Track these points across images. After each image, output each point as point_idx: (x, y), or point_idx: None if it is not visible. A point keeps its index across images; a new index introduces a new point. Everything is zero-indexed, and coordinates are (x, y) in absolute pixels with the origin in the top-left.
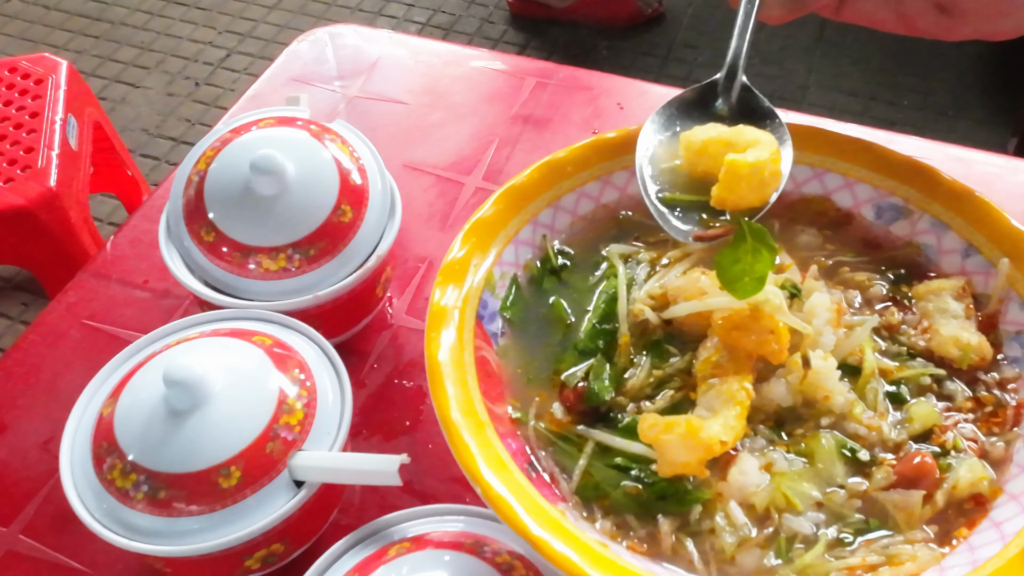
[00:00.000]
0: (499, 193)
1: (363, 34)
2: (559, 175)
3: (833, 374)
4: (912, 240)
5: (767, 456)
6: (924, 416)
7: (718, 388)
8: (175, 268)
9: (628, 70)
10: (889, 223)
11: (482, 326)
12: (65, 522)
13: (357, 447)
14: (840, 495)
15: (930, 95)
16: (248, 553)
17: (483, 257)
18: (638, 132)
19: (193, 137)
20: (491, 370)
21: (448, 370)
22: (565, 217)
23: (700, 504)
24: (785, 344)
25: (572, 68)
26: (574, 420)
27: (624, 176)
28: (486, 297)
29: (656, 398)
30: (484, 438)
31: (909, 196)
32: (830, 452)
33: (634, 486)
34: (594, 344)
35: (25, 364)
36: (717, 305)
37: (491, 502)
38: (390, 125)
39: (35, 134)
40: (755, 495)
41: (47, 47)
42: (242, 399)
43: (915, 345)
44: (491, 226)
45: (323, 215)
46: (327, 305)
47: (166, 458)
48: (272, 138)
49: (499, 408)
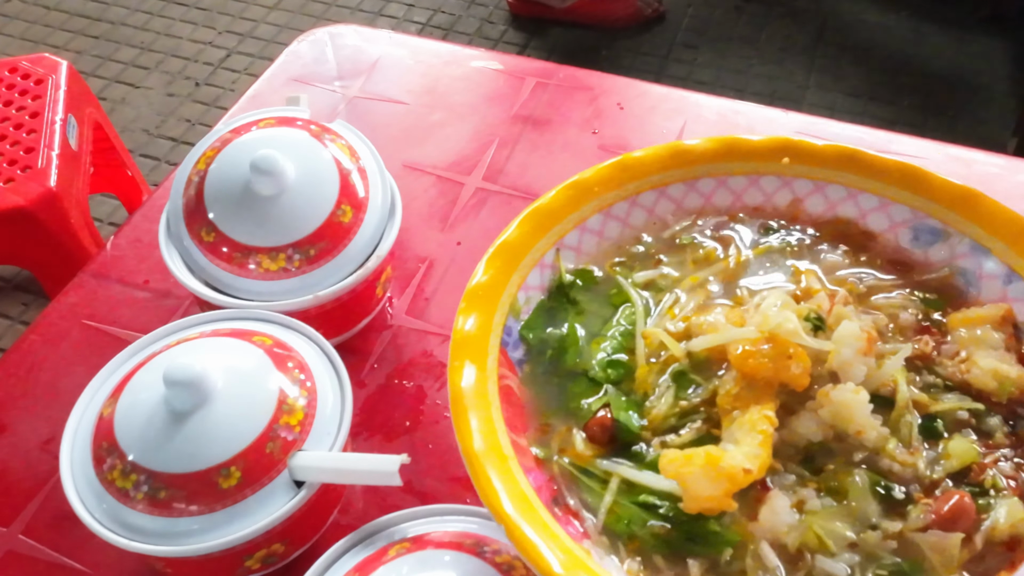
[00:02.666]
0: (524, 215)
1: (363, 34)
2: (586, 195)
3: (865, 407)
4: (950, 264)
5: (798, 494)
6: (962, 453)
7: (740, 420)
8: (175, 268)
9: (628, 70)
10: (927, 246)
11: (507, 354)
12: (65, 522)
13: (357, 447)
14: (874, 535)
15: (930, 95)
16: (248, 553)
17: (507, 282)
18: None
19: (193, 137)
20: (515, 399)
21: (472, 401)
22: (592, 239)
23: (731, 546)
24: (807, 367)
25: (572, 68)
26: (596, 453)
27: (652, 196)
28: (511, 323)
29: (681, 431)
30: (508, 472)
31: (948, 219)
32: (863, 490)
33: (662, 526)
34: (606, 375)
35: (25, 364)
36: (732, 337)
37: (515, 541)
38: (390, 125)
39: (35, 134)
40: (787, 535)
41: (47, 47)
42: (242, 399)
43: (951, 376)
44: (516, 249)
45: (323, 215)
46: (327, 305)
47: (166, 458)
48: (272, 138)
49: (523, 439)
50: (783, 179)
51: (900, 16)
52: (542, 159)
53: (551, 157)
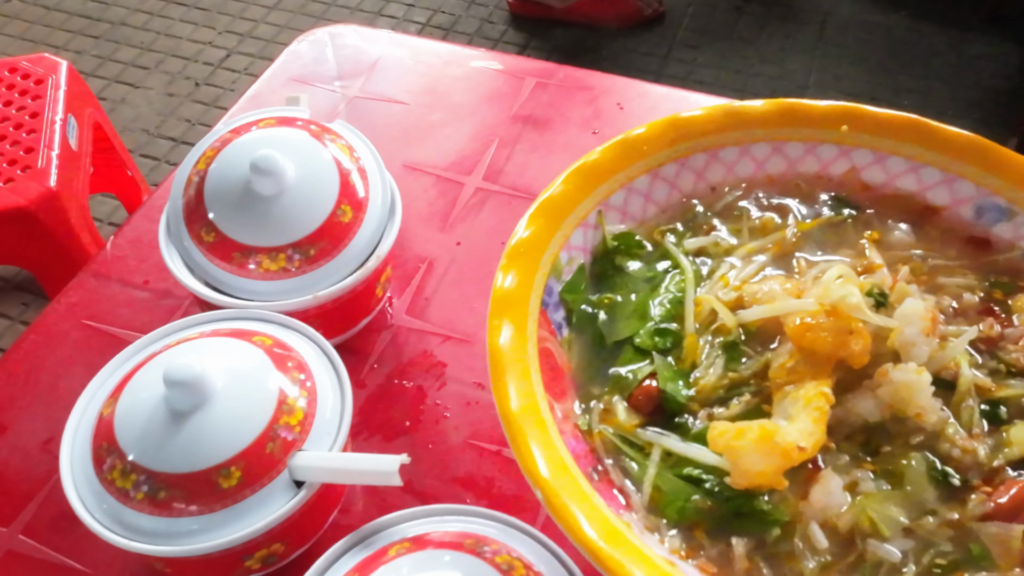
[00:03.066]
0: (569, 171)
1: (363, 34)
2: (635, 154)
3: (927, 389)
4: (1017, 244)
5: (851, 475)
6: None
7: (794, 394)
8: (175, 268)
9: (628, 70)
10: (991, 224)
11: (547, 315)
12: (65, 522)
13: (357, 447)
14: (931, 522)
15: (930, 95)
16: (248, 553)
17: (550, 240)
18: (720, 112)
19: (193, 137)
20: (555, 363)
21: (510, 362)
22: (638, 200)
23: (778, 526)
24: (867, 345)
25: (572, 68)
26: (640, 423)
27: (703, 159)
28: (551, 284)
29: (730, 403)
30: (547, 436)
31: (1015, 196)
32: (920, 474)
33: (706, 501)
34: (653, 343)
35: (25, 364)
36: (790, 308)
37: (552, 508)
38: (390, 125)
39: (35, 134)
40: (838, 517)
41: (47, 47)
42: (242, 399)
43: (1016, 362)
44: (560, 206)
45: (323, 215)
46: (327, 305)
47: (166, 458)
48: (272, 138)
49: (562, 405)
50: (841, 148)
51: (900, 16)
52: (542, 159)
53: (551, 157)
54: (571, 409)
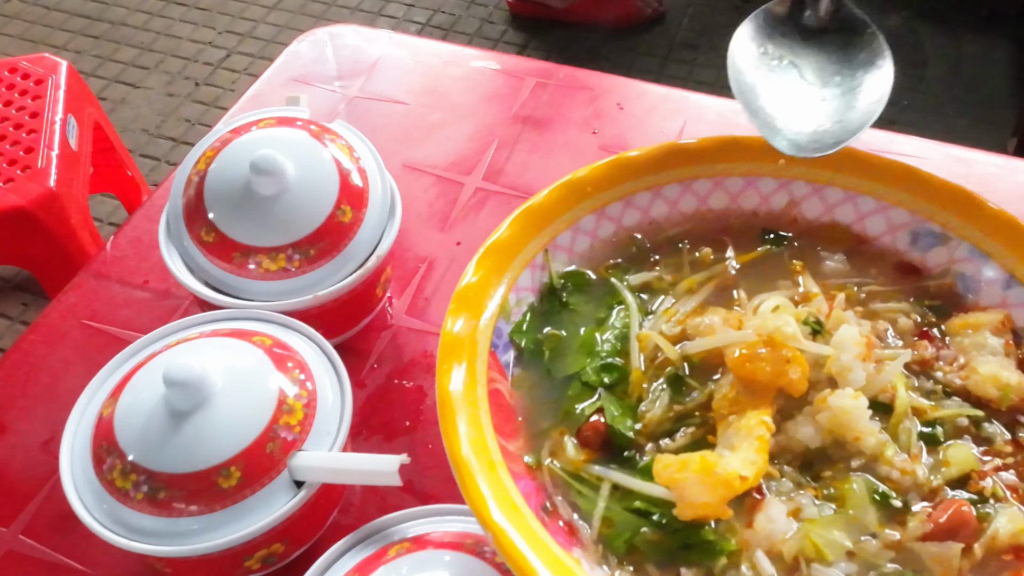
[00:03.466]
0: (516, 215)
1: (363, 34)
2: (579, 195)
3: (864, 413)
4: (949, 269)
5: (795, 501)
6: (961, 460)
7: (736, 424)
8: (175, 268)
9: (628, 70)
10: (925, 251)
11: (496, 357)
12: (65, 522)
13: (357, 447)
14: (873, 544)
15: (930, 95)
16: (248, 553)
17: (498, 283)
18: (661, 151)
19: (193, 137)
20: (504, 403)
21: (460, 406)
22: (585, 240)
23: (725, 555)
24: (805, 372)
25: (572, 68)
26: (589, 458)
27: (647, 197)
28: (501, 325)
29: (676, 436)
30: (496, 478)
31: (948, 222)
32: (861, 497)
33: (655, 533)
34: (599, 379)
35: (25, 364)
36: (729, 340)
37: (502, 549)
38: (390, 125)
39: (35, 134)
40: (783, 543)
41: (47, 47)
42: (242, 399)
43: (950, 383)
44: (507, 249)
45: (323, 215)
46: (327, 305)
47: (166, 458)
48: (272, 138)
49: (513, 445)
50: (780, 181)
51: (900, 16)
52: (542, 159)
53: (551, 157)
54: (521, 448)
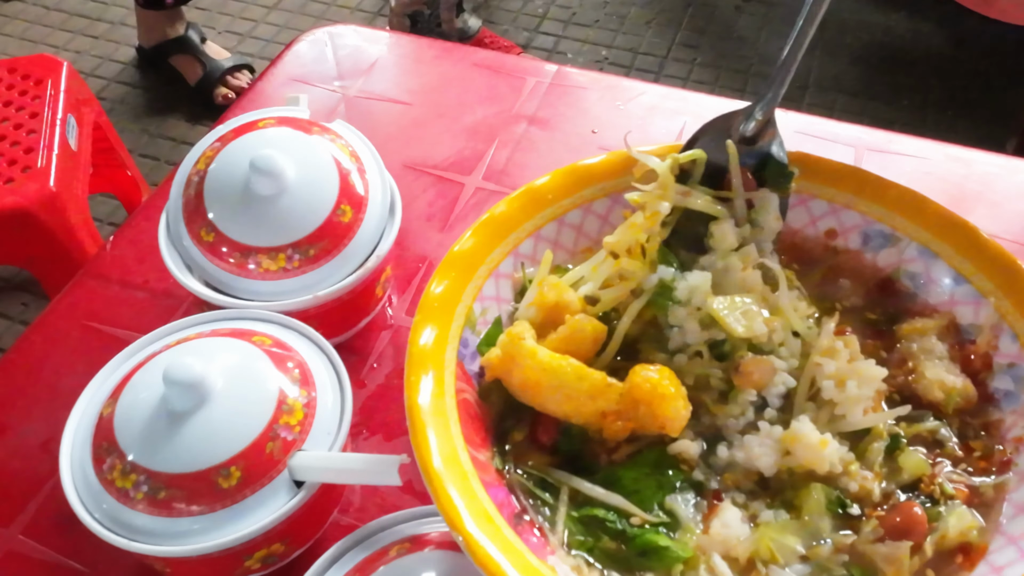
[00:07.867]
0: (477, 224)
1: (363, 34)
2: (539, 204)
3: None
4: (899, 268)
5: (751, 508)
6: (912, 466)
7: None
8: (175, 268)
9: (628, 70)
10: (876, 251)
11: (463, 367)
12: (65, 522)
13: (357, 447)
14: (825, 548)
15: (929, 95)
16: (248, 553)
17: (462, 292)
18: (619, 159)
19: (193, 137)
20: (474, 413)
21: (430, 418)
22: (546, 247)
23: (681, 562)
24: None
25: (572, 68)
26: (548, 462)
27: (606, 204)
28: (467, 335)
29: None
30: (468, 489)
31: (896, 223)
32: (819, 505)
33: (612, 542)
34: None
35: (25, 364)
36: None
37: (476, 559)
38: (390, 125)
39: (35, 134)
40: (739, 547)
41: (47, 47)
42: (242, 399)
43: (901, 387)
44: (470, 259)
45: (323, 215)
46: (327, 305)
47: (166, 458)
48: (272, 138)
49: (483, 455)
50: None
51: (900, 16)
52: (542, 159)
53: (551, 157)
54: (490, 457)
